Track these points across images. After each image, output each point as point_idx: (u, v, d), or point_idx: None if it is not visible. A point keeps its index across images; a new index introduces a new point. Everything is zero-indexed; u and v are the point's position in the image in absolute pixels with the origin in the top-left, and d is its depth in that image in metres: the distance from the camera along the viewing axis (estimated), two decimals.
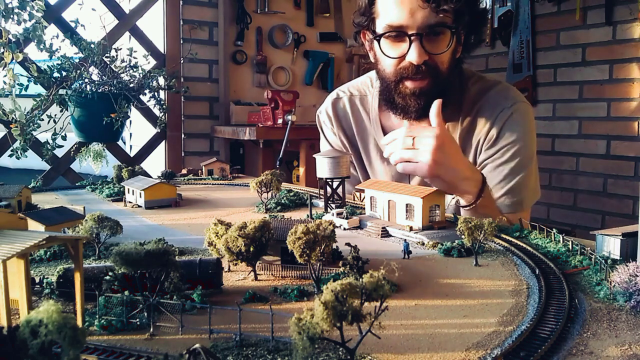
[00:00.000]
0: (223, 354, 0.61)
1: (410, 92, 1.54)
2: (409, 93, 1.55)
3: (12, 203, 1.36)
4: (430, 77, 1.52)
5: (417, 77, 1.52)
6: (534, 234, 1.15)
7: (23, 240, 0.60)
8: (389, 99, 1.62)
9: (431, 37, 1.47)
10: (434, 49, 1.49)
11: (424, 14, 1.43)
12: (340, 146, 1.90)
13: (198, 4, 3.75)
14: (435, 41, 1.49)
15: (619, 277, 0.78)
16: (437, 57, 1.50)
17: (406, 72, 1.52)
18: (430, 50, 1.48)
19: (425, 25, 1.44)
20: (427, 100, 1.52)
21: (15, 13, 2.12)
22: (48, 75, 2.32)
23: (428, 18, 1.43)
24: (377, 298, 0.52)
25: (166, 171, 2.13)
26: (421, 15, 1.43)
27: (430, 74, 1.51)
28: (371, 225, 1.22)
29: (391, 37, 1.51)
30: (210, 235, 0.93)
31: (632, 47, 3.36)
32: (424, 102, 1.53)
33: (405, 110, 1.59)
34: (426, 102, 1.52)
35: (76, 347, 0.42)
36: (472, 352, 0.61)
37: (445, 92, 1.55)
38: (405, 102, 1.57)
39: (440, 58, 1.51)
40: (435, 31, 1.46)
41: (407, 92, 1.55)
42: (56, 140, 2.49)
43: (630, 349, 0.63)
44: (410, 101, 1.56)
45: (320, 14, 4.22)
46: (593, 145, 3.62)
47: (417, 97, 1.54)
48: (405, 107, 1.58)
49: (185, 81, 3.66)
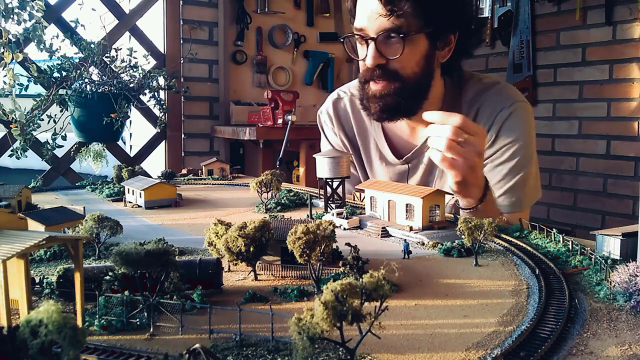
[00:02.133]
0: (223, 354, 0.61)
1: (371, 94, 1.57)
2: (371, 95, 1.58)
3: (12, 203, 1.36)
4: (388, 81, 1.53)
5: (377, 80, 1.54)
6: (534, 234, 1.15)
7: (23, 240, 0.60)
8: (360, 98, 1.66)
9: (387, 42, 1.49)
10: (390, 53, 1.50)
11: (380, 20, 1.46)
12: (340, 146, 1.91)
13: (198, 4, 3.75)
14: (391, 45, 1.50)
15: (619, 277, 0.78)
16: (397, 62, 1.51)
17: (366, 74, 1.56)
18: (387, 54, 1.50)
19: (379, 30, 1.47)
20: (386, 103, 1.55)
21: (15, 13, 2.12)
22: (48, 75, 2.32)
23: (382, 23, 1.46)
24: (377, 298, 0.52)
25: (166, 171, 2.13)
26: (378, 20, 1.46)
27: (390, 78, 1.53)
28: (371, 225, 1.22)
29: (359, 40, 1.56)
30: (210, 235, 0.93)
31: (632, 47, 3.36)
32: (382, 104, 1.56)
33: (367, 110, 1.63)
34: (385, 105, 1.55)
35: (76, 347, 0.42)
36: (472, 352, 0.61)
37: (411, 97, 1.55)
38: (367, 103, 1.60)
39: (401, 63, 1.51)
40: (389, 36, 1.48)
41: (369, 93, 1.58)
42: (56, 140, 2.49)
43: (630, 349, 0.63)
44: (370, 103, 1.59)
45: (320, 14, 4.22)
46: (593, 145, 3.62)
47: (378, 99, 1.56)
48: (367, 108, 1.62)
49: (185, 81, 3.66)
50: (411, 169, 1.77)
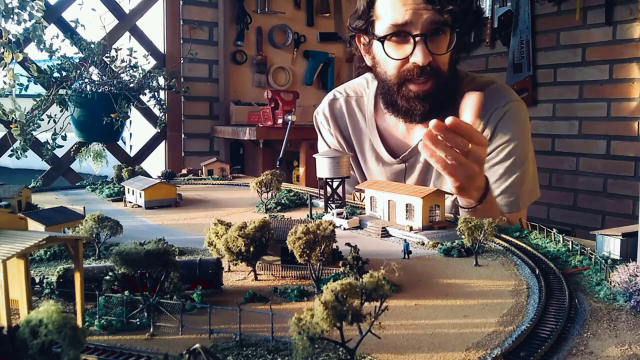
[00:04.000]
0: (223, 354, 0.61)
1: (415, 95, 1.54)
2: (413, 96, 1.54)
3: (12, 203, 1.36)
4: (433, 79, 1.51)
5: (420, 80, 1.51)
6: (534, 234, 1.15)
7: (23, 240, 0.60)
8: (391, 101, 1.61)
9: (434, 38, 1.47)
10: (437, 50, 1.48)
11: (428, 14, 1.43)
12: (337, 146, 1.91)
13: (198, 4, 3.75)
14: (438, 42, 1.49)
15: (619, 277, 0.78)
16: (439, 59, 1.50)
17: (410, 74, 1.51)
18: (433, 51, 1.48)
19: (429, 25, 1.44)
20: (431, 103, 1.52)
21: (15, 13, 2.12)
22: (48, 75, 2.32)
23: (432, 17, 1.43)
24: (377, 298, 0.52)
25: (166, 171, 2.13)
26: (426, 14, 1.43)
27: (433, 76, 1.51)
28: (371, 225, 1.22)
29: (394, 39, 1.50)
30: (210, 235, 0.93)
31: (632, 47, 3.36)
32: (429, 104, 1.53)
33: (409, 113, 1.58)
34: (431, 105, 1.52)
35: (76, 347, 0.42)
36: (472, 352, 0.61)
37: (447, 94, 1.54)
38: (409, 104, 1.56)
39: (442, 59, 1.51)
40: (437, 31, 1.46)
41: (411, 95, 1.54)
42: (56, 140, 2.48)
43: (630, 349, 0.63)
44: (414, 104, 1.55)
45: (320, 14, 4.23)
46: (593, 145, 3.62)
47: (422, 100, 1.54)
48: (409, 110, 1.58)
49: (185, 81, 3.66)
50: (408, 168, 1.77)
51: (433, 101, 1.52)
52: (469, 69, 1.87)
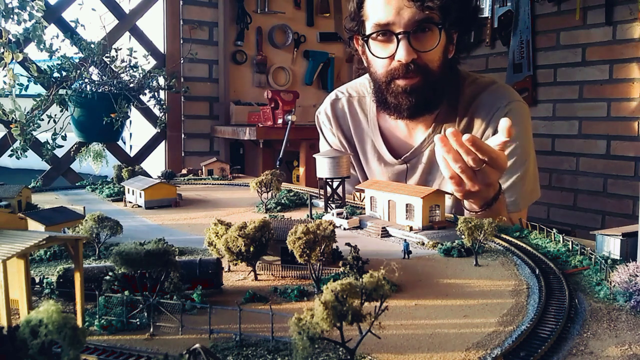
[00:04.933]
0: (223, 354, 0.61)
1: (402, 90, 1.55)
2: (401, 91, 1.55)
3: (12, 203, 1.36)
4: (420, 76, 1.52)
5: (408, 76, 1.52)
6: (534, 234, 1.15)
7: (23, 240, 0.60)
8: (382, 99, 1.63)
9: (418, 35, 1.48)
10: (422, 47, 1.49)
11: (410, 12, 1.44)
12: (339, 146, 1.91)
13: (198, 4, 3.75)
14: (423, 39, 1.49)
15: (619, 277, 0.78)
16: (426, 56, 1.50)
17: (397, 72, 1.52)
18: (418, 48, 1.48)
19: (411, 23, 1.45)
20: (419, 97, 1.53)
21: (15, 13, 2.12)
22: (48, 75, 2.32)
23: (414, 15, 1.44)
24: (377, 298, 0.52)
25: (166, 171, 2.13)
26: (407, 12, 1.44)
27: (421, 73, 1.51)
28: (371, 225, 1.22)
29: (380, 37, 1.52)
30: (210, 235, 0.93)
31: (632, 47, 3.36)
32: (415, 99, 1.54)
33: (397, 108, 1.60)
34: (418, 100, 1.53)
35: (76, 347, 0.42)
36: (472, 352, 0.61)
37: (438, 92, 1.54)
38: (397, 100, 1.57)
39: (429, 56, 1.51)
40: (422, 28, 1.47)
41: (398, 90, 1.55)
42: (56, 140, 2.48)
43: (630, 349, 0.63)
44: (402, 99, 1.56)
45: (320, 14, 4.23)
46: (593, 145, 3.62)
47: (409, 94, 1.54)
48: (397, 106, 1.59)
49: (185, 81, 3.66)
50: (410, 169, 1.77)
51: (420, 96, 1.53)
52: (469, 69, 1.87)
